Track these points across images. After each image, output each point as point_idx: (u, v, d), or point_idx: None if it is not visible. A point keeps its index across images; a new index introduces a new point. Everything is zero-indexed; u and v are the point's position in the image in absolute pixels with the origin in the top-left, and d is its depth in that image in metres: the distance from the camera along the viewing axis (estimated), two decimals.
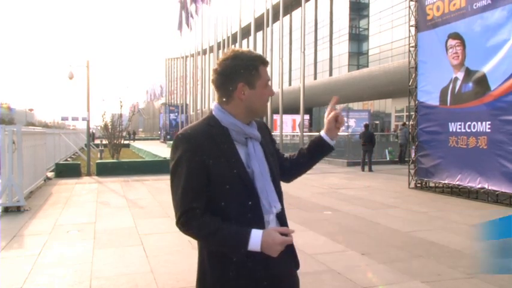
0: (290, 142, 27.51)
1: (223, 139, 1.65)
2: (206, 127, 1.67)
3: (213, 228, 1.56)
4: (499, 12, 8.15)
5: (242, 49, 1.75)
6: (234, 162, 1.63)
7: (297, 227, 6.58)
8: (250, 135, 1.70)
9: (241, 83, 1.67)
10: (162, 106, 57.83)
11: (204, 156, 1.59)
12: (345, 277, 4.32)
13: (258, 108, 1.73)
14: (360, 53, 47.11)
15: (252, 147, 1.69)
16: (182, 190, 1.60)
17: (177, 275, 4.43)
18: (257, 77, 1.69)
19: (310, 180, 12.55)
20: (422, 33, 10.28)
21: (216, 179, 1.60)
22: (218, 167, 1.60)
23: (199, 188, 1.60)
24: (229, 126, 1.67)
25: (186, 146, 1.61)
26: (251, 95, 1.68)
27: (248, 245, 1.53)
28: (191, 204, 1.59)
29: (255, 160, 1.67)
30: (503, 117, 8.11)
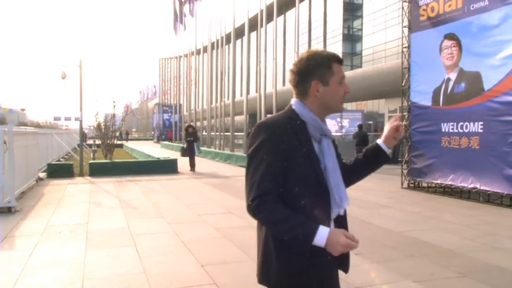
0: None
1: (302, 132, 1.70)
2: (287, 119, 1.71)
3: (283, 215, 1.59)
4: (496, 13, 8.20)
5: (317, 49, 1.82)
6: (310, 156, 1.68)
7: None
8: (326, 132, 1.75)
9: (315, 80, 1.72)
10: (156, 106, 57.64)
11: (284, 145, 1.63)
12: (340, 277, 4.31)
13: (333, 105, 1.77)
14: (354, 53, 47.26)
15: (326, 144, 1.74)
16: (260, 174, 1.62)
17: (170, 275, 4.41)
18: (330, 74, 1.73)
19: None
20: (416, 34, 10.33)
21: (292, 169, 1.64)
22: (296, 157, 1.64)
23: (276, 175, 1.62)
24: (309, 120, 1.72)
25: (267, 133, 1.65)
26: (325, 92, 1.73)
27: (314, 238, 1.55)
28: (267, 189, 1.61)
29: (329, 156, 1.72)
30: (496, 117, 8.16)
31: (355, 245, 1.57)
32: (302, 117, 1.71)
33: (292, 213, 1.59)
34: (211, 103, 31.51)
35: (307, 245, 1.55)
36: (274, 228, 1.63)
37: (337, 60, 1.76)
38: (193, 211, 7.93)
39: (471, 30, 8.78)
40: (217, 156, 21.31)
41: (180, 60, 43.86)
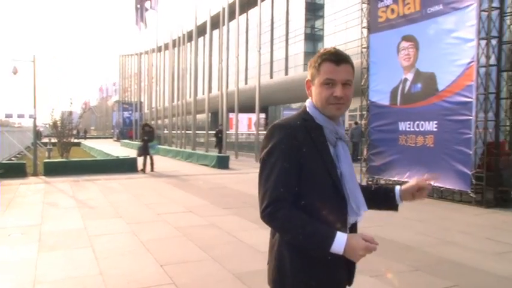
0: (246, 141, 27.55)
1: (318, 135, 1.63)
2: (302, 121, 1.64)
3: (299, 223, 1.51)
4: (450, 17, 8.50)
5: (331, 47, 1.70)
6: (326, 160, 1.61)
7: (251, 225, 6.58)
8: (341, 135, 1.67)
9: (309, 78, 1.69)
10: (116, 104, 56.29)
11: (299, 147, 1.57)
12: None
13: (320, 107, 1.65)
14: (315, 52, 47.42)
15: (341, 148, 1.66)
16: (274, 179, 1.55)
17: (128, 276, 4.30)
18: (316, 73, 1.65)
19: None
20: (374, 35, 10.56)
21: (308, 173, 1.57)
22: (311, 162, 1.58)
23: (291, 180, 1.56)
24: (323, 123, 1.64)
25: (281, 135, 1.58)
26: (313, 92, 1.67)
27: (332, 246, 1.48)
28: (281, 195, 1.54)
29: (345, 161, 1.64)
30: (449, 117, 8.48)
31: (375, 247, 1.51)
32: (316, 120, 1.64)
33: (308, 219, 1.52)
34: (173, 101, 31.11)
35: (325, 252, 1.50)
36: (289, 236, 1.56)
37: (329, 59, 1.62)
38: (153, 210, 7.78)
39: (427, 33, 9.07)
40: (178, 155, 21.06)
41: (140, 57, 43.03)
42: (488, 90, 8.02)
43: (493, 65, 8.03)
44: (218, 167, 15.94)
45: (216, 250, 5.21)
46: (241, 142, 25.67)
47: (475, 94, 7.99)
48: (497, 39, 8.03)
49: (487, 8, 7.91)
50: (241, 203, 8.54)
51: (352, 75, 1.65)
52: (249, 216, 7.18)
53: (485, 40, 7.94)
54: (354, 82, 1.68)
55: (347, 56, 1.65)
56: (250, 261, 4.81)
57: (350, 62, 1.65)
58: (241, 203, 8.54)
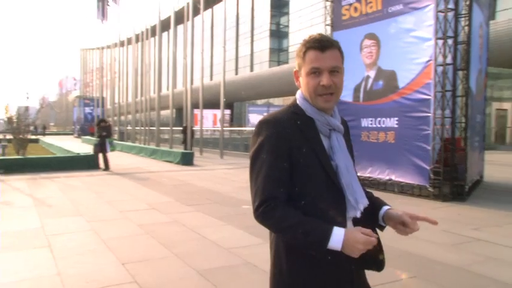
0: (211, 137, 27.40)
1: (309, 128, 1.56)
2: (291, 114, 1.57)
3: (294, 221, 1.45)
4: (409, 17, 8.72)
5: (316, 33, 1.61)
6: (319, 153, 1.54)
7: (215, 221, 6.55)
8: (334, 126, 1.59)
9: (296, 69, 1.61)
10: (77, 99, 54.73)
11: (289, 142, 1.50)
12: (261, 269, 4.36)
13: (309, 99, 1.58)
14: (281, 49, 48.14)
15: (336, 140, 1.58)
16: (264, 177, 1.49)
17: (88, 275, 4.18)
18: (302, 63, 1.57)
19: (231, 175, 12.59)
20: (338, 33, 10.70)
21: (300, 168, 1.51)
22: (302, 156, 1.51)
23: (282, 176, 1.50)
24: (314, 116, 1.57)
25: (270, 131, 1.52)
26: (302, 82, 1.60)
27: (329, 242, 1.41)
28: (273, 193, 1.48)
29: (340, 153, 1.57)
30: (409, 113, 8.72)
31: (374, 240, 1.43)
32: (307, 112, 1.57)
33: (303, 216, 1.46)
34: (136, 97, 30.52)
35: (322, 249, 1.42)
36: (285, 235, 1.51)
37: (313, 46, 1.54)
38: (114, 208, 7.61)
39: (388, 31, 9.28)
40: (142, 151, 20.70)
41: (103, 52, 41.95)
42: (445, 88, 8.29)
43: (449, 64, 8.31)
44: (182, 163, 15.78)
45: (180, 247, 5.15)
46: (206, 138, 25.51)
47: (433, 92, 8.25)
48: (453, 39, 8.31)
49: (443, 9, 8.17)
50: (205, 200, 8.49)
51: (341, 61, 1.57)
52: (213, 213, 7.15)
53: (442, 40, 8.20)
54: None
55: (333, 41, 1.57)
56: (214, 257, 4.79)
57: (337, 47, 1.57)
58: (206, 200, 8.49)
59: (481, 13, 9.47)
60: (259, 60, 48.39)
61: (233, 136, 25.74)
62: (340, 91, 1.57)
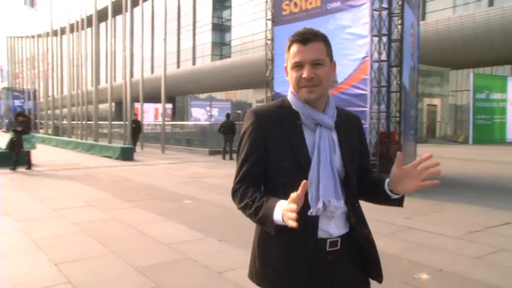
0: (152, 131, 26.79)
1: (290, 121, 1.59)
2: (276, 108, 1.63)
3: (249, 199, 1.53)
4: (347, 14, 8.98)
5: (304, 27, 1.61)
6: (295, 147, 1.56)
7: (156, 217, 6.43)
8: (320, 121, 1.58)
9: (286, 64, 1.63)
10: (4, 91, 51.32)
11: (265, 132, 1.57)
12: (201, 264, 4.34)
13: (295, 92, 1.60)
14: (223, 43, 47.96)
15: (318, 135, 1.57)
16: (240, 162, 1.61)
17: (16, 278, 3.94)
18: (288, 57, 1.59)
19: (173, 170, 12.40)
20: (279, 27, 10.82)
21: (274, 160, 1.57)
22: (278, 149, 1.56)
23: (254, 164, 1.58)
24: (299, 109, 1.59)
25: (252, 120, 1.60)
26: (289, 76, 1.61)
27: (273, 216, 1.42)
28: (242, 178, 1.59)
29: (317, 148, 1.55)
30: (347, 108, 8.82)
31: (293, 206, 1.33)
32: (293, 106, 1.60)
33: (261, 195, 1.51)
34: (73, 90, 29.16)
35: (270, 224, 1.44)
36: (245, 213, 1.58)
37: (295, 40, 1.57)
38: (47, 206, 7.23)
39: (328, 27, 9.50)
40: (78, 147, 19.82)
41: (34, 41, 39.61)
42: (380, 84, 8.65)
43: (384, 61, 8.67)
44: (122, 158, 15.31)
45: (118, 245, 5.00)
46: (147, 133, 24.92)
47: (369, 87, 8.57)
48: (387, 37, 8.67)
49: (378, 7, 8.50)
50: (145, 195, 8.29)
51: (324, 53, 1.57)
52: (153, 209, 7.00)
53: (377, 37, 8.53)
54: (261, 73, 1.68)
55: (316, 34, 1.57)
56: (154, 254, 4.69)
57: (321, 39, 1.58)
58: (146, 195, 8.29)
59: (412, 13, 9.94)
60: (201, 53, 47.93)
61: (175, 130, 25.33)
62: (325, 83, 1.57)
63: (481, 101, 23.16)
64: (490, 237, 5.29)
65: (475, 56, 26.02)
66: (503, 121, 24.24)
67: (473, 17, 25.12)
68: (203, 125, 24.09)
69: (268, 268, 1.60)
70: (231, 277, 4.01)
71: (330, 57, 1.60)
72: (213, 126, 20.43)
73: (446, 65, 24.63)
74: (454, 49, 25.95)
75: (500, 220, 6.13)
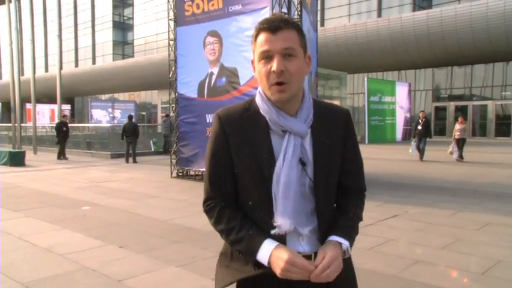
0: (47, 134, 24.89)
1: (254, 126, 1.39)
2: (242, 111, 1.42)
3: (227, 226, 1.39)
4: (247, 17, 9.14)
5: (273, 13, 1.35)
6: (258, 155, 1.37)
7: (49, 226, 5.98)
8: (288, 128, 1.36)
9: (252, 58, 1.40)
10: None
11: (227, 138, 1.40)
12: (99, 273, 4.12)
13: (265, 91, 1.37)
14: (125, 42, 46.22)
15: (286, 143, 1.37)
16: (206, 176, 1.47)
17: None
18: (254, 48, 1.37)
19: (70, 175, 11.63)
20: (181, 28, 10.69)
21: (237, 169, 1.40)
22: (238, 155, 1.39)
23: (220, 174, 1.42)
24: (265, 114, 1.38)
25: (214, 126, 1.44)
26: (256, 72, 1.38)
27: (257, 255, 1.32)
28: (211, 194, 1.45)
29: (282, 159, 1.35)
30: None
31: (296, 276, 1.25)
32: (260, 109, 1.39)
33: (239, 222, 1.38)
34: None
35: (252, 260, 1.34)
36: (222, 237, 1.44)
37: (263, 28, 1.33)
38: None
39: (230, 30, 9.60)
40: None
41: None
42: None
43: None
44: (11, 164, 14.01)
45: (2, 259, 4.54)
46: (42, 136, 23.13)
47: None
48: None
49: (277, 12, 8.80)
50: (37, 203, 7.66)
51: (297, 43, 1.34)
52: (46, 217, 6.50)
53: None
54: (165, 74, 1.55)
55: (287, 21, 1.34)
56: (46, 266, 4.34)
57: (293, 27, 1.34)
58: (38, 203, 7.66)
59: (308, 18, 10.43)
60: (101, 52, 45.65)
61: (74, 133, 23.81)
62: (296, 79, 1.34)
63: (374, 104, 25.04)
64: (381, 230, 5.73)
65: (368, 61, 28.17)
66: (393, 122, 26.47)
67: (365, 25, 27.18)
68: (105, 127, 22.97)
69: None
70: (132, 285, 3.86)
71: (303, 49, 1.37)
72: (115, 128, 19.58)
73: (344, 69, 26.30)
74: (350, 54, 27.84)
75: (389, 213, 6.68)
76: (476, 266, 4.29)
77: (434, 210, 6.86)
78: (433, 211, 6.82)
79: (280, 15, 1.38)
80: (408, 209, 6.99)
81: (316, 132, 1.41)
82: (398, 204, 7.40)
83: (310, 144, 1.40)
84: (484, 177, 10.52)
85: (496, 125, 27.06)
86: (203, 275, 4.08)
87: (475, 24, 23.64)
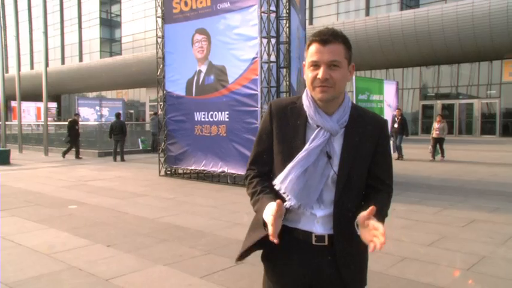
0: (33, 132, 24.58)
1: (296, 117, 1.65)
2: (290, 103, 1.70)
3: (252, 190, 1.69)
4: (236, 15, 9.12)
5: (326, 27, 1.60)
6: (293, 141, 1.62)
7: (35, 225, 5.91)
8: (321, 124, 1.59)
9: (304, 62, 1.62)
10: None
11: (274, 124, 1.67)
12: (86, 272, 4.08)
13: (310, 91, 1.63)
14: (113, 39, 45.80)
15: (314, 135, 1.60)
16: (253, 148, 1.77)
17: None
18: (306, 55, 1.60)
19: (57, 174, 11.51)
20: (169, 26, 10.63)
21: (275, 147, 1.67)
22: (279, 139, 1.66)
23: (261, 152, 1.72)
24: (306, 108, 1.64)
25: (267, 111, 1.72)
26: (305, 75, 1.62)
27: (263, 216, 1.56)
28: (251, 165, 1.76)
29: (306, 150, 1.58)
30: (238, 108, 9.15)
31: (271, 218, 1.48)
32: (304, 105, 1.65)
33: (262, 187, 1.66)
34: None
35: (261, 218, 1.59)
36: (250, 199, 1.71)
37: (315, 40, 1.56)
38: None
39: (218, 27, 9.56)
40: None
41: None
42: (270, 84, 8.94)
43: (273, 62, 8.99)
44: None
45: None
46: (27, 134, 22.84)
47: (259, 87, 8.81)
48: (275, 39, 9.00)
49: (266, 10, 8.79)
50: (23, 202, 7.56)
51: (342, 56, 1.56)
52: (32, 216, 6.42)
53: (266, 39, 8.81)
54: (154, 72, 1.65)
55: (336, 35, 1.56)
56: (31, 266, 4.29)
57: (341, 41, 1.56)
58: (23, 202, 7.57)
59: (297, 17, 10.45)
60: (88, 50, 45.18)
61: (61, 131, 23.55)
62: (339, 85, 1.56)
63: (363, 102, 25.07)
64: None
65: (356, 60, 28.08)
66: None
67: (353, 24, 27.31)
68: (92, 125, 22.74)
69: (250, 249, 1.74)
70: (120, 284, 3.83)
71: (348, 60, 1.59)
72: (102, 127, 19.40)
73: None
74: None
75: None
76: (462, 262, 4.35)
77: (422, 208, 6.93)
78: (420, 208, 6.89)
79: (332, 28, 1.59)
80: (396, 206, 7.05)
81: (348, 132, 1.62)
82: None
83: (340, 141, 1.62)
84: (469, 174, 10.65)
85: (481, 123, 27.43)
86: (191, 273, 4.07)
87: (461, 24, 23.91)
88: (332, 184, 1.59)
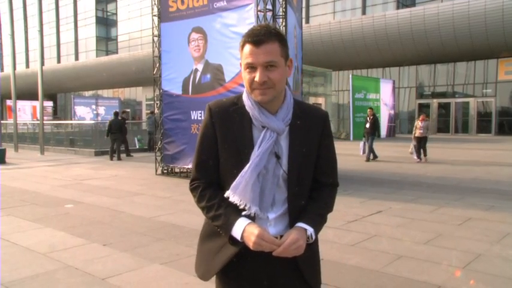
0: (29, 131, 24.49)
1: (239, 119, 1.56)
2: (231, 104, 1.59)
3: (208, 203, 1.57)
4: (233, 13, 9.11)
5: (259, 25, 1.50)
6: (240, 146, 1.54)
7: (31, 225, 5.89)
8: (266, 124, 1.53)
9: (240, 61, 1.54)
10: None
11: (215, 128, 1.57)
12: (83, 271, 4.07)
13: (249, 93, 1.54)
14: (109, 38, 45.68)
15: (261, 137, 1.53)
16: (194, 157, 1.64)
17: None
18: (241, 56, 1.52)
19: (52, 173, 11.47)
20: (165, 24, 10.60)
21: (220, 153, 1.58)
22: (223, 143, 1.56)
23: (206, 159, 1.60)
24: (248, 110, 1.55)
25: (206, 116, 1.61)
26: (243, 75, 1.54)
27: (231, 231, 1.49)
28: (196, 175, 1.62)
29: (255, 151, 1.52)
30: None
31: (265, 249, 1.44)
32: (246, 105, 1.56)
33: (219, 200, 1.55)
34: None
35: (226, 234, 1.52)
36: (202, 212, 1.62)
37: (248, 41, 1.47)
38: None
39: (215, 26, 9.55)
40: None
41: None
42: None
43: None
44: None
45: None
46: (23, 133, 22.75)
47: None
48: None
49: (262, 9, 8.78)
50: (18, 202, 7.53)
51: (278, 54, 1.48)
52: (28, 216, 6.40)
53: None
54: (150, 71, 1.62)
55: (271, 34, 1.47)
56: (27, 265, 4.27)
57: (275, 39, 1.48)
58: (19, 202, 7.54)
59: (294, 16, 10.44)
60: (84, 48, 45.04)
61: (58, 130, 23.49)
62: (279, 84, 1.50)
63: (359, 100, 25.23)
64: (364, 226, 5.78)
65: (352, 59, 28.33)
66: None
67: (350, 22, 27.33)
68: (88, 124, 22.69)
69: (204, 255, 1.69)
70: (116, 283, 3.82)
71: (285, 57, 1.52)
72: (99, 125, 19.35)
73: (329, 66, 26.40)
74: (335, 51, 27.97)
75: (373, 210, 6.74)
76: (458, 260, 4.36)
77: (417, 206, 6.96)
78: (416, 207, 6.91)
79: (265, 26, 1.52)
80: (392, 205, 7.07)
81: (293, 130, 1.58)
82: (383, 200, 7.47)
83: (286, 140, 1.57)
84: (465, 173, 10.69)
85: (477, 121, 27.53)
86: (187, 272, 4.06)
87: (457, 23, 23.98)
88: (283, 183, 1.57)
